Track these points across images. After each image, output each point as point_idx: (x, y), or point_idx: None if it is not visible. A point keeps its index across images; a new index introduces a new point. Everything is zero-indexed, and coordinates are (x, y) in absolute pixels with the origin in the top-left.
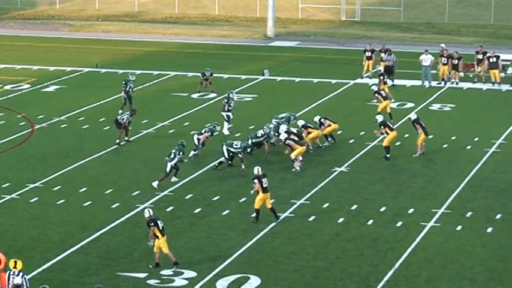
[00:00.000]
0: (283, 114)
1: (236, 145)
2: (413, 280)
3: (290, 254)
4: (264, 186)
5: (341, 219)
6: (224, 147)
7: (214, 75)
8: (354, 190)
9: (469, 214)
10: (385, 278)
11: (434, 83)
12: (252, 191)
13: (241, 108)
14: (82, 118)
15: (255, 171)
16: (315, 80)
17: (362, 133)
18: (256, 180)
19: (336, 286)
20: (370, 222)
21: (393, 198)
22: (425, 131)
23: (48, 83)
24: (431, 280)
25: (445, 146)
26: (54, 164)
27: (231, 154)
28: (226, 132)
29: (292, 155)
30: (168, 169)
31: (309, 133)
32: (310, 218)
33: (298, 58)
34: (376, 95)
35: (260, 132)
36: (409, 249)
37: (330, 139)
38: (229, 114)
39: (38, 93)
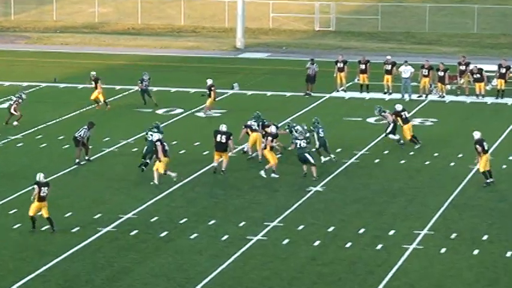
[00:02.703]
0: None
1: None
2: None
3: (263, 280)
4: (42, 195)
5: (317, 242)
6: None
7: (180, 89)
8: (330, 211)
9: (453, 235)
10: None
11: (414, 96)
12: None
13: (210, 124)
14: (39, 136)
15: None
16: (288, 94)
17: (338, 150)
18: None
19: None
20: (348, 245)
21: (372, 219)
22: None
23: (3, 99)
24: None
25: (427, 162)
26: (9, 186)
27: None
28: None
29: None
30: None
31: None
32: (284, 241)
33: (269, 71)
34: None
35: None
36: (390, 274)
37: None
38: None
39: None
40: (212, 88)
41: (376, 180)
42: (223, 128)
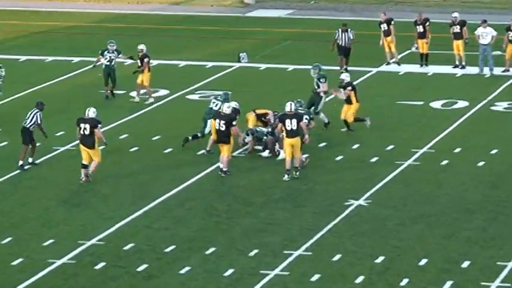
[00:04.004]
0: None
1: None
2: None
3: None
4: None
5: (360, 278)
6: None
7: (165, 61)
8: (379, 234)
9: None
10: None
11: (498, 71)
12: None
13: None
14: None
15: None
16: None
17: (390, 147)
18: None
19: None
20: (405, 282)
21: (439, 246)
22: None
23: None
24: None
25: None
26: None
27: None
28: None
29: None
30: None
31: None
32: (313, 277)
33: (291, 35)
34: None
35: None
36: None
37: None
38: None
39: None
40: (145, 59)
41: (444, 190)
42: (225, 108)
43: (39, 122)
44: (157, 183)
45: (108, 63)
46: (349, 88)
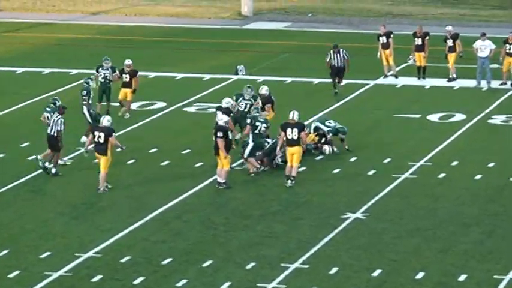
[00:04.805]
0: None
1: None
2: None
3: None
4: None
5: None
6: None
7: (162, 74)
8: (376, 247)
9: None
10: None
11: (495, 84)
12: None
13: (204, 123)
14: None
15: None
16: (316, 81)
17: (387, 160)
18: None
19: None
20: None
21: (436, 259)
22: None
23: None
24: None
25: None
26: None
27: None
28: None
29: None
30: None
31: None
32: None
33: (289, 48)
34: None
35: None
36: None
37: None
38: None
39: None
40: (136, 76)
41: (440, 203)
42: (219, 117)
43: (59, 129)
44: (155, 195)
45: (102, 80)
46: (268, 105)
